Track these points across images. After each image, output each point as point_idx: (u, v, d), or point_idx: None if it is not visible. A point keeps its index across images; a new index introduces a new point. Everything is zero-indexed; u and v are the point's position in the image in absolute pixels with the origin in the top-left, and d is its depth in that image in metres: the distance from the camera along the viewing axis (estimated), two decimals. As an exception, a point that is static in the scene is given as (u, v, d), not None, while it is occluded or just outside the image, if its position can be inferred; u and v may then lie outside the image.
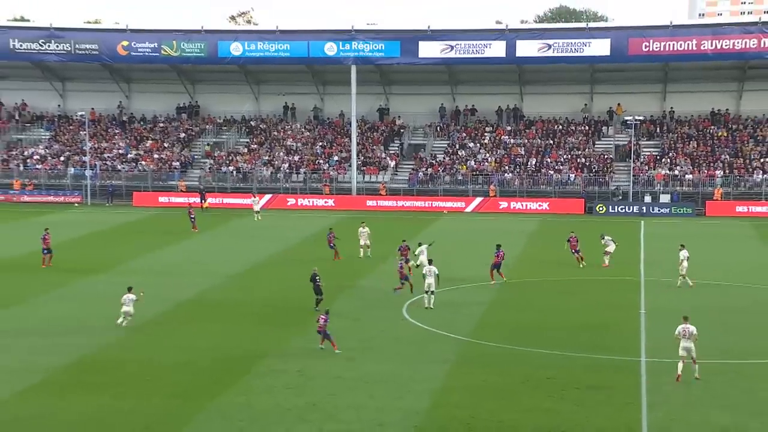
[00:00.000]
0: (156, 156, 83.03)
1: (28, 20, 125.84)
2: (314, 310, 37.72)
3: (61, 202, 76.95)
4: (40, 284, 44.35)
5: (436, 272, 39.51)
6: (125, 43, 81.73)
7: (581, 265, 48.67)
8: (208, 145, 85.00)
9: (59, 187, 79.95)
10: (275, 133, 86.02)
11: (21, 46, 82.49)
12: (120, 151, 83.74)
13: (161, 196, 77.40)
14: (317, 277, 38.99)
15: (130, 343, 34.63)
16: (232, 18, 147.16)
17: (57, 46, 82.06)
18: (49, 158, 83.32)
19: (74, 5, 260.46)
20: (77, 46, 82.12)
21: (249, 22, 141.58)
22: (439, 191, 77.41)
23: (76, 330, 36.26)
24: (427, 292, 39.45)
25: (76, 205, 76.42)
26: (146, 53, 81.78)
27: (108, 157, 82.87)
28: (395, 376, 30.54)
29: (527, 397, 28.48)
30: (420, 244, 46.33)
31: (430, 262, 40.44)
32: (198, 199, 72.96)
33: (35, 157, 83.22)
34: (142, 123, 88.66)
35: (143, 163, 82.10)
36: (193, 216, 61.80)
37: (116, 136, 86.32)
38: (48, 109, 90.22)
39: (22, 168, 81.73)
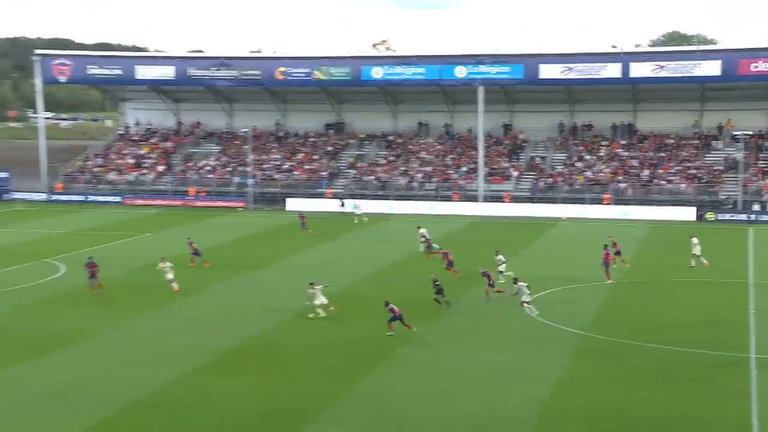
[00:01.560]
0: (307, 167, 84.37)
1: (202, 51, 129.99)
2: (439, 307, 37.28)
3: (228, 206, 78.95)
4: (209, 278, 45.50)
5: (523, 289, 37.44)
6: (282, 69, 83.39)
7: (614, 266, 46.12)
8: (351, 157, 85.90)
9: (226, 193, 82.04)
10: (410, 146, 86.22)
11: (197, 73, 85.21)
12: (276, 163, 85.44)
13: (311, 201, 78.37)
14: (437, 282, 38.57)
15: (283, 330, 35.23)
16: (374, 45, 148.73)
17: (226, 73, 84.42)
18: (218, 169, 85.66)
19: (240, 37, 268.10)
20: (243, 72, 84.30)
21: (388, 48, 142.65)
22: (558, 199, 76.03)
23: (239, 318, 37.10)
24: (524, 304, 37.23)
25: (240, 209, 78.30)
26: (300, 77, 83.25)
27: (266, 167, 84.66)
28: (518, 366, 30.11)
29: (640, 387, 27.65)
30: (497, 253, 45.20)
31: (515, 280, 38.35)
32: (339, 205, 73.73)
33: (207, 168, 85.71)
34: (295, 138, 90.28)
35: (296, 173, 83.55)
36: (303, 220, 62.35)
37: (273, 150, 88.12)
38: (218, 127, 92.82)
39: (196, 177, 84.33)
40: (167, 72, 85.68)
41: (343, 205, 73.66)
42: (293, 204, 77.31)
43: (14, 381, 28.68)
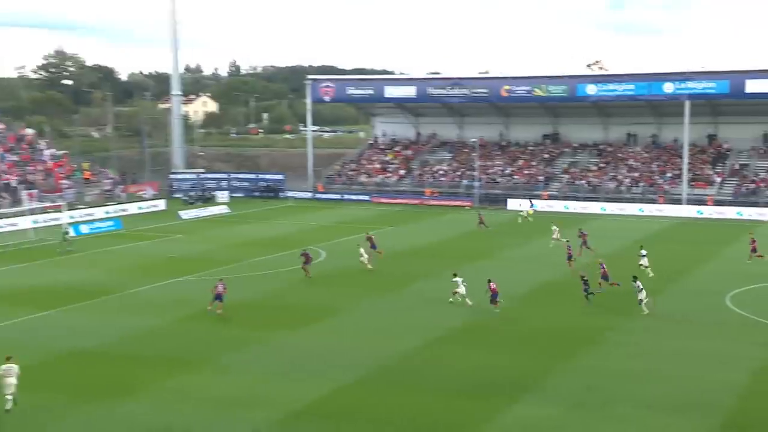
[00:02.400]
0: (525, 172, 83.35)
1: (439, 73, 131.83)
2: (587, 302, 35.64)
3: (457, 205, 79.55)
4: (437, 266, 46.01)
5: (640, 287, 34.20)
6: (507, 87, 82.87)
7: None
8: (565, 164, 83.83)
9: (455, 194, 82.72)
10: (620, 154, 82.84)
11: (434, 92, 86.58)
12: (499, 168, 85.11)
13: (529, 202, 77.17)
14: (585, 278, 36.32)
15: (502, 313, 35.01)
16: (588, 66, 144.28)
17: (458, 91, 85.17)
18: (450, 173, 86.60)
19: (471, 59, 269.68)
20: (473, 90, 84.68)
21: (601, 68, 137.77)
22: (761, 203, 70.07)
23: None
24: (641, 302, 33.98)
25: (467, 207, 78.70)
26: (522, 94, 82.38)
27: (490, 172, 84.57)
28: (717, 353, 28.22)
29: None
30: (641, 248, 43.03)
31: (634, 279, 35.26)
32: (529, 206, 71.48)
33: (440, 172, 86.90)
34: (516, 147, 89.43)
35: (516, 177, 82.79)
36: (482, 218, 60.96)
37: (497, 157, 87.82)
38: (450, 137, 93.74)
39: (431, 180, 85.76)
40: (410, 91, 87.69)
41: (532, 205, 72.14)
42: (513, 204, 76.69)
43: (284, 344, 30.60)
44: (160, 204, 75.14)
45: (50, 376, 26.67)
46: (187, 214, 69.63)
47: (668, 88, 74.96)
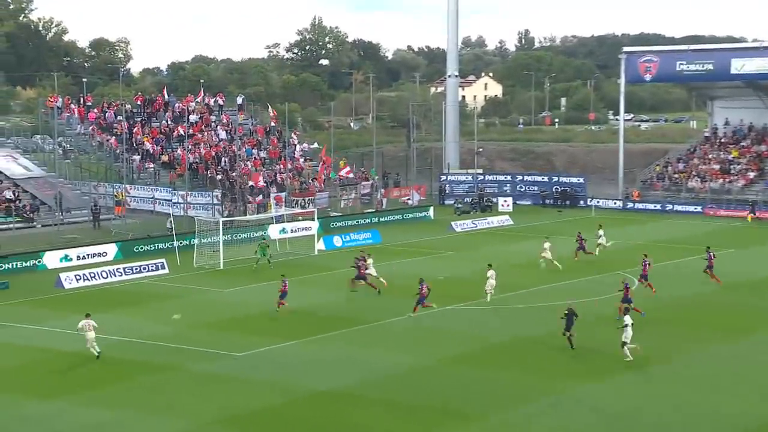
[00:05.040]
0: None
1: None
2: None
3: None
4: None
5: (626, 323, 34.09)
6: None
7: None
8: None
9: None
10: None
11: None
12: None
13: None
14: (567, 313, 35.72)
15: None
16: None
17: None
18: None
19: None
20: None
21: None
22: None
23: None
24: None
25: None
26: None
27: None
28: None
29: None
30: None
31: (627, 310, 36.06)
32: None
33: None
34: None
35: None
36: (582, 245, 55.49)
37: None
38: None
39: None
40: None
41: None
42: None
43: (584, 400, 30.05)
44: (428, 212, 77.62)
45: (297, 421, 28.37)
46: (460, 225, 71.29)
47: None
